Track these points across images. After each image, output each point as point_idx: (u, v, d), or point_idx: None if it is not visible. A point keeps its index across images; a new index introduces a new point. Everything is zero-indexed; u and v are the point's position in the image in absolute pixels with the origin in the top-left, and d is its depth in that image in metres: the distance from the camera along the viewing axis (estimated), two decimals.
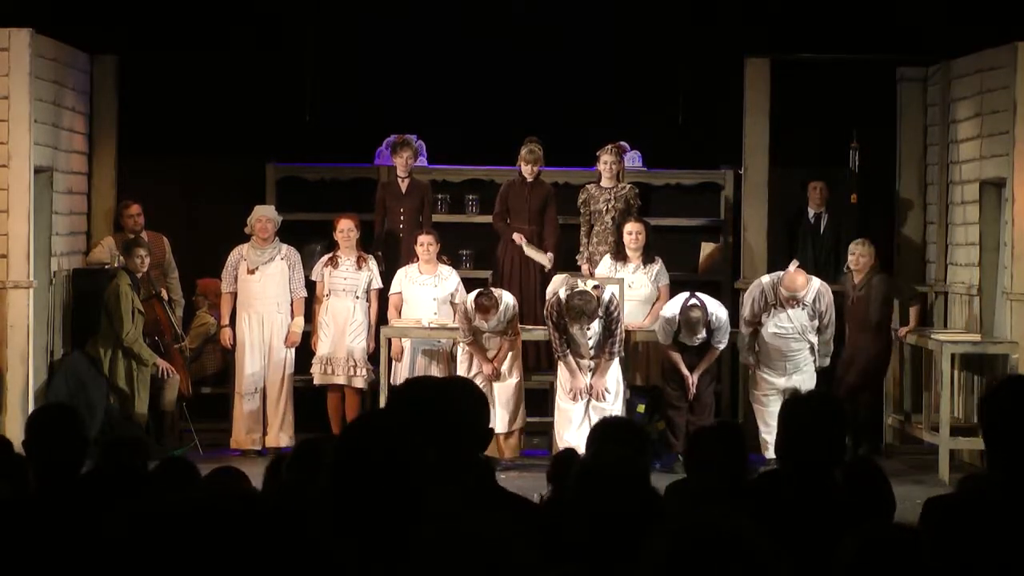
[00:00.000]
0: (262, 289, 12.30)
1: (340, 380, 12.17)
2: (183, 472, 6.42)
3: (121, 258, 12.08)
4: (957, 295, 12.79)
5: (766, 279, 11.91)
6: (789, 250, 11.91)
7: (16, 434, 9.99)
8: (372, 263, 12.52)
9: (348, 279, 12.37)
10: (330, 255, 12.43)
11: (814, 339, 11.78)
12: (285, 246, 12.47)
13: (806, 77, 13.47)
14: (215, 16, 12.86)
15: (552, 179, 13.74)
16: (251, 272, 12.26)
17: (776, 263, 11.16)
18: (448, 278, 12.42)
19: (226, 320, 12.37)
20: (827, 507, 4.79)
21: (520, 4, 12.67)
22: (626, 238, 12.22)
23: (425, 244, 12.23)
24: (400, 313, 12.34)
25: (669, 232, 13.18)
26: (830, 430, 4.95)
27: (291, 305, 12.44)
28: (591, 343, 11.60)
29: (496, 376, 11.75)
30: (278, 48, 13.37)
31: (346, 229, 12.36)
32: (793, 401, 5.46)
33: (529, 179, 12.66)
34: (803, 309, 11.67)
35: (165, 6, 12.77)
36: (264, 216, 12.29)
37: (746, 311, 11.94)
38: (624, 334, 11.84)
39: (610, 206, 12.55)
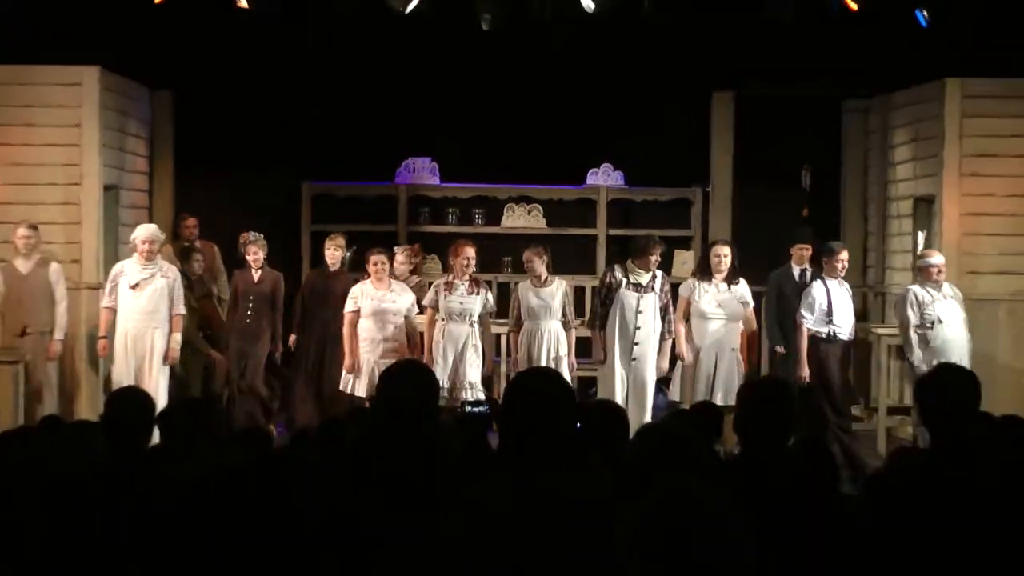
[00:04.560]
0: (141, 304, 10.73)
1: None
2: (261, 440, 6.53)
3: (178, 263, 12.13)
4: (894, 295, 12.84)
5: (912, 287, 10.70)
6: (778, 305, 11.14)
7: (88, 414, 10.17)
8: (485, 287, 10.91)
9: (464, 303, 10.64)
10: (446, 280, 10.79)
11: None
12: (166, 264, 11.09)
13: (764, 108, 13.45)
14: (256, 58, 12.91)
15: (546, 196, 13.87)
16: (134, 288, 10.72)
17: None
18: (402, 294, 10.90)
19: (103, 332, 10.85)
20: (780, 475, 4.62)
21: (521, 48, 12.71)
22: (713, 260, 10.71)
23: (379, 263, 10.81)
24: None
25: None
26: (780, 410, 4.82)
27: (170, 321, 10.85)
28: (640, 318, 10.48)
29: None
30: (312, 84, 13.42)
31: (469, 256, 10.70)
32: (749, 385, 5.43)
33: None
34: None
35: (214, 49, 12.81)
36: (149, 236, 10.81)
37: (912, 316, 10.55)
38: (674, 322, 10.60)
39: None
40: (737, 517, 2.86)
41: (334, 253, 11.30)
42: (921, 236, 11.32)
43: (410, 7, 11.88)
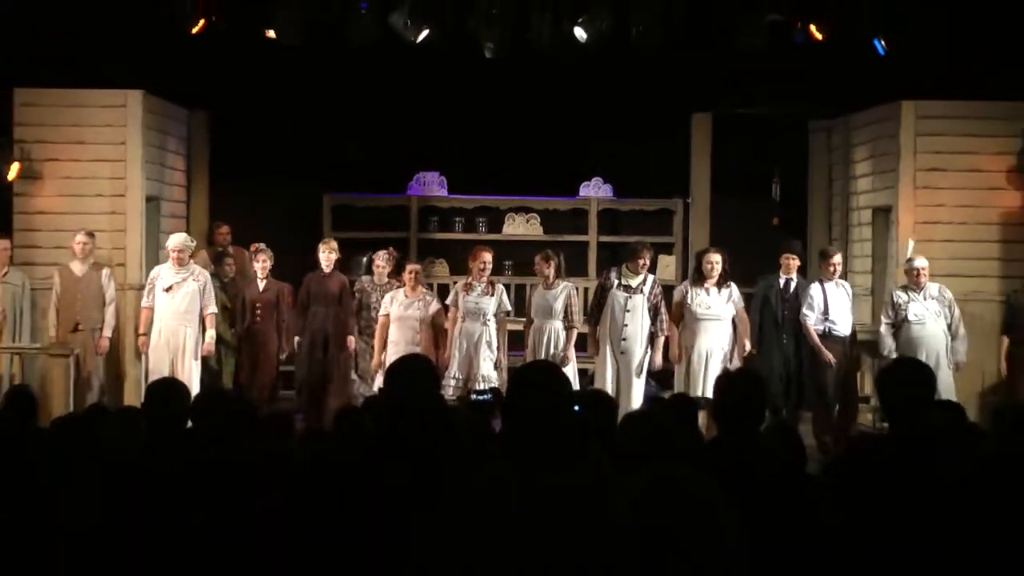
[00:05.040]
0: (175, 305, 10.74)
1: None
2: (285, 423, 6.56)
3: (212, 266, 12.15)
4: (856, 295, 12.84)
5: (897, 288, 10.80)
6: (761, 311, 11.00)
7: (131, 402, 10.20)
8: (500, 289, 10.85)
9: (479, 303, 10.63)
10: (465, 282, 10.76)
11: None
12: (198, 268, 11.05)
13: (738, 128, 13.40)
14: (283, 82, 12.93)
15: (543, 206, 13.89)
16: (167, 291, 10.76)
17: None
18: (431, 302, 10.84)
19: (143, 330, 10.84)
20: (753, 457, 4.55)
21: (520, 73, 12.72)
22: (705, 266, 10.63)
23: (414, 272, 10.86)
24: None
25: None
26: (752, 398, 4.72)
27: (202, 319, 10.82)
28: (627, 316, 10.53)
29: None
30: (332, 105, 13.43)
31: (486, 261, 10.69)
32: (725, 376, 5.39)
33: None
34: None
35: (245, 75, 12.83)
36: (179, 245, 10.83)
37: (886, 314, 10.69)
38: (666, 322, 10.58)
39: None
40: (725, 505, 2.84)
41: (328, 256, 11.14)
42: (911, 243, 11.28)
43: (421, 37, 11.93)
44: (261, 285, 11.20)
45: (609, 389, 10.29)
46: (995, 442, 6.53)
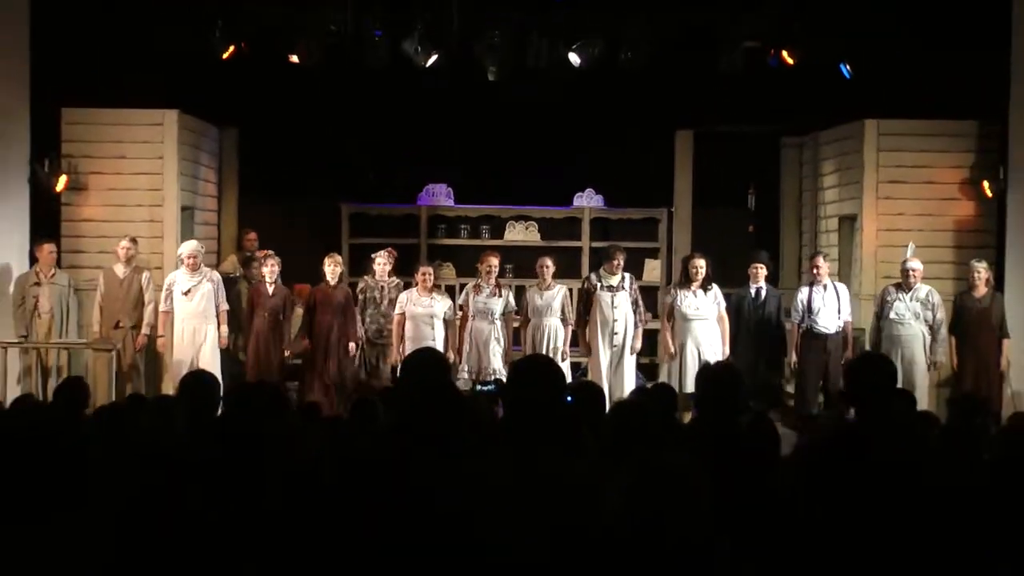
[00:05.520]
0: (193, 306, 10.71)
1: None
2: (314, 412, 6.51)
3: (241, 269, 12.12)
4: None
5: (889, 286, 10.74)
6: (737, 322, 10.94)
7: (167, 392, 10.18)
8: (507, 291, 10.92)
9: (487, 304, 10.71)
10: (475, 284, 10.84)
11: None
12: (209, 270, 10.97)
13: (718, 144, 13.34)
14: (305, 102, 12.92)
15: (540, 215, 13.85)
16: (186, 294, 10.68)
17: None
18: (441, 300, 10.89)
19: (162, 331, 10.77)
20: (733, 443, 4.61)
21: (520, 94, 12.71)
22: (691, 270, 10.74)
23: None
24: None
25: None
26: (731, 389, 4.79)
27: (217, 315, 10.77)
28: (616, 312, 10.64)
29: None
30: (350, 123, 13.42)
31: (493, 264, 10.81)
32: (706, 368, 5.37)
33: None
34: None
35: (271, 96, 12.82)
36: (191, 251, 10.77)
37: (877, 309, 10.72)
38: (643, 312, 10.77)
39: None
40: (709, 490, 2.81)
41: (334, 269, 10.97)
42: (911, 245, 11.20)
43: (430, 62, 11.92)
44: (270, 289, 11.07)
45: (604, 379, 10.43)
46: (949, 426, 6.56)
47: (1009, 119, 11.02)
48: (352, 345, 10.93)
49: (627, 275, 10.92)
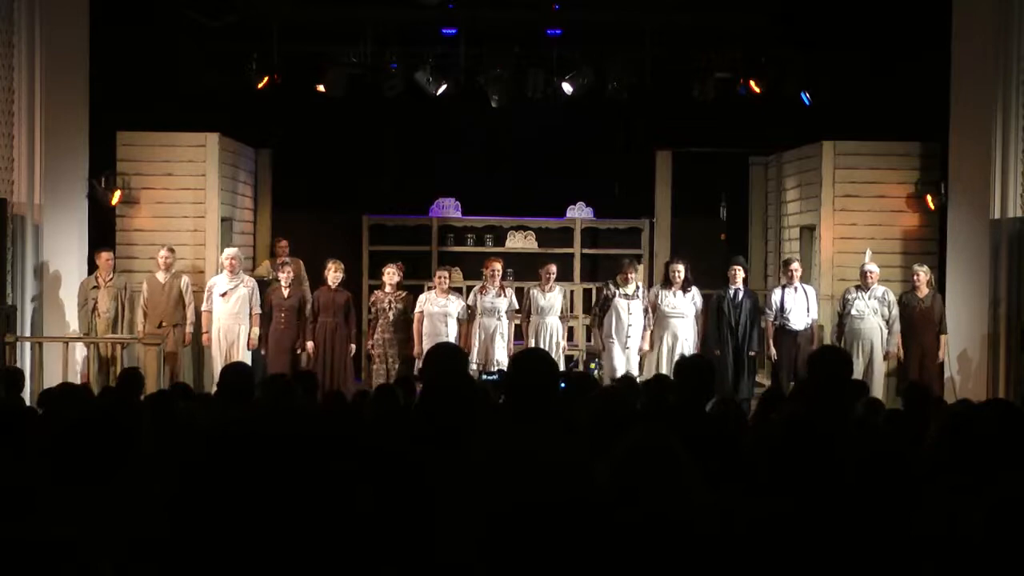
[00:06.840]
0: (229, 307, 10.70)
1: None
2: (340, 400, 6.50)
3: (273, 273, 12.14)
4: None
5: (851, 286, 10.72)
6: (717, 323, 10.78)
7: (209, 382, 10.20)
8: (510, 292, 10.90)
9: (493, 303, 10.72)
10: (481, 286, 10.86)
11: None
12: (246, 276, 10.95)
13: (693, 162, 13.28)
14: (330, 126, 12.95)
15: (537, 225, 13.88)
16: (223, 296, 10.69)
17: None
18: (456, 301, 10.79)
19: (205, 328, 10.76)
20: (703, 428, 4.55)
21: (519, 118, 12.75)
22: (672, 274, 10.79)
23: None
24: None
25: (609, 259, 12.77)
26: (702, 378, 4.79)
27: (250, 318, 10.73)
28: (631, 318, 10.67)
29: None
30: (370, 144, 13.41)
31: (496, 269, 10.82)
32: (682, 360, 5.42)
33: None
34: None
35: (301, 120, 12.86)
36: (230, 255, 10.78)
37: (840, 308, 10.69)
38: (651, 318, 10.71)
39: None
40: (691, 463, 2.80)
41: (335, 275, 10.79)
42: (868, 252, 11.23)
43: (440, 90, 11.99)
44: (285, 292, 10.90)
45: (617, 372, 10.40)
46: (904, 412, 6.59)
47: (949, 140, 11.06)
48: (352, 346, 10.83)
49: (640, 284, 11.01)
